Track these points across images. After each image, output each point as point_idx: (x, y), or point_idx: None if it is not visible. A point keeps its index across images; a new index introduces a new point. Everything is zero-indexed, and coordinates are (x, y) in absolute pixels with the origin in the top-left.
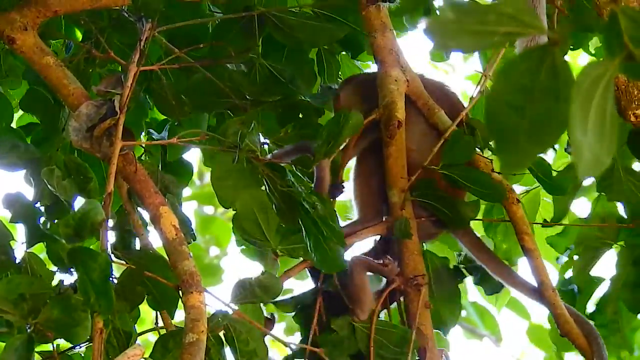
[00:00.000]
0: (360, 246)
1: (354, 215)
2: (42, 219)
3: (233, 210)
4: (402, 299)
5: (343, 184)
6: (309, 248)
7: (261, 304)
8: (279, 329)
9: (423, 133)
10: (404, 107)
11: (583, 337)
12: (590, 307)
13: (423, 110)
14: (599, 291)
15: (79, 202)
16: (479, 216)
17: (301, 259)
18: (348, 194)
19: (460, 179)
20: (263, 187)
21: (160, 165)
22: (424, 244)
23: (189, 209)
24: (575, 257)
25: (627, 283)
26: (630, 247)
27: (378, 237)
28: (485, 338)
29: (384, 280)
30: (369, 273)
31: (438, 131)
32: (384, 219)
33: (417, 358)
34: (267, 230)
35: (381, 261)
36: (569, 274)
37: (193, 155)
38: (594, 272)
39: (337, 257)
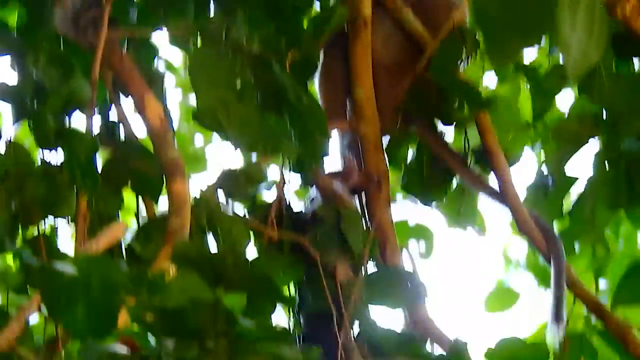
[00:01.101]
0: None
1: None
2: None
3: None
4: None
5: None
6: (292, 139)
7: None
8: None
9: (389, 32)
10: (370, 4)
11: (542, 238)
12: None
13: (390, 9)
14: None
15: None
16: None
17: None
18: None
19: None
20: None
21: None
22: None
23: (173, 99)
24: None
25: (604, 181)
26: (609, 146)
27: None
28: (468, 228)
29: None
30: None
31: (404, 31)
32: (347, 117)
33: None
34: (228, 126)
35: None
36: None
37: None
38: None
39: (321, 148)
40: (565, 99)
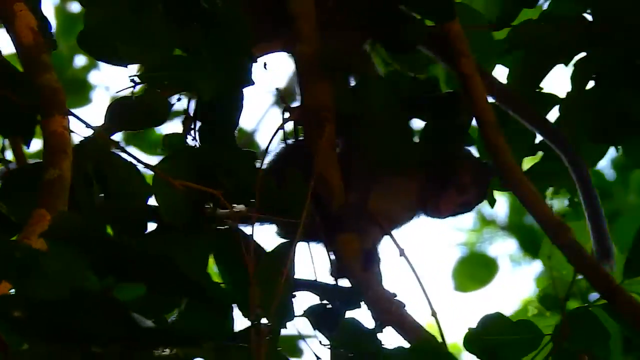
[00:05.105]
0: None
1: None
2: None
3: None
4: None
5: None
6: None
7: None
8: None
9: None
10: None
11: None
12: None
13: None
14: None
15: None
16: None
17: None
18: None
19: None
20: None
21: None
22: None
23: (48, 3)
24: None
25: (587, 103)
26: (595, 57)
27: None
28: None
29: None
30: None
31: None
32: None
33: None
34: (124, 52)
35: None
36: None
37: None
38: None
39: (244, 69)
40: None
